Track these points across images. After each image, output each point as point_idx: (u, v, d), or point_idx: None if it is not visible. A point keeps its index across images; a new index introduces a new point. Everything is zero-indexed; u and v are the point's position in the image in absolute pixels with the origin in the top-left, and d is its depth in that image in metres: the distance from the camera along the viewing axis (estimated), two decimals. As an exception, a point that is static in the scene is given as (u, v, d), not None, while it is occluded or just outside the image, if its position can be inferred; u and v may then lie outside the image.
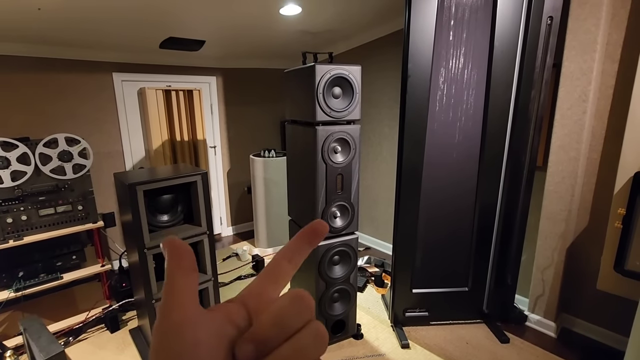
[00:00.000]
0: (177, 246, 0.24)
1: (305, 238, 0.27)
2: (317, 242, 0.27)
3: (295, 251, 0.27)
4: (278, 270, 0.26)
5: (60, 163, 2.19)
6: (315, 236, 0.27)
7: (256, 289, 0.25)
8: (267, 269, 0.26)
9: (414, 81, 1.93)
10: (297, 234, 0.27)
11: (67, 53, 2.82)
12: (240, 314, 0.24)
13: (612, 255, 1.76)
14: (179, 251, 0.24)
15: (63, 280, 2.27)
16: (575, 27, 1.90)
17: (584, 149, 1.98)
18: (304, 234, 0.27)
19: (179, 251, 0.24)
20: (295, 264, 0.27)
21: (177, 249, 0.24)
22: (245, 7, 2.39)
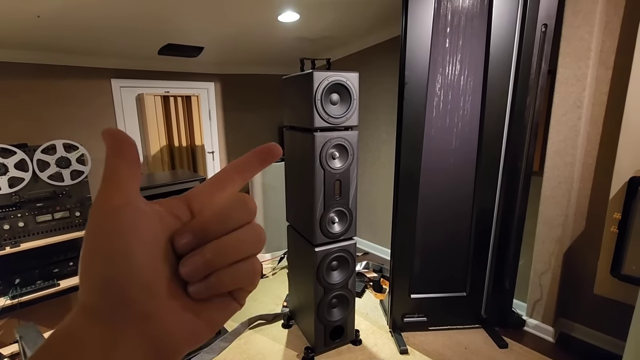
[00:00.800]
0: (121, 136, 0.22)
1: (259, 156, 0.27)
2: (269, 162, 0.27)
3: (247, 165, 0.27)
4: (227, 179, 0.26)
5: (58, 169, 2.19)
6: (268, 156, 0.27)
7: (202, 191, 0.25)
8: (216, 176, 0.26)
9: (411, 87, 1.95)
10: (252, 150, 0.27)
11: (66, 59, 2.83)
12: (183, 209, 0.24)
13: (609, 260, 1.77)
14: (123, 141, 0.22)
15: (60, 287, 2.26)
16: (570, 35, 1.93)
17: (580, 155, 2.00)
18: (259, 152, 0.27)
19: (123, 141, 0.22)
20: (244, 177, 0.27)
21: (118, 139, 0.22)
22: (243, 15, 2.42)
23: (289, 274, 2.48)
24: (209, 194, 0.25)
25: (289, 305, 2.52)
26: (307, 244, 1.98)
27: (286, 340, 2.26)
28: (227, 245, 0.22)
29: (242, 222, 0.23)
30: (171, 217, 0.23)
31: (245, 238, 0.23)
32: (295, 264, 2.29)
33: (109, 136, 0.22)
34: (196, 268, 0.21)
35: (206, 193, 0.25)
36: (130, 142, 0.22)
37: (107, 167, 0.21)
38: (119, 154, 0.22)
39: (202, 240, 0.22)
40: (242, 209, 0.23)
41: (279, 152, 0.28)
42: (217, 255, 0.21)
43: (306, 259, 2.02)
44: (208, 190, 0.25)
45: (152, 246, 0.21)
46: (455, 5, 1.91)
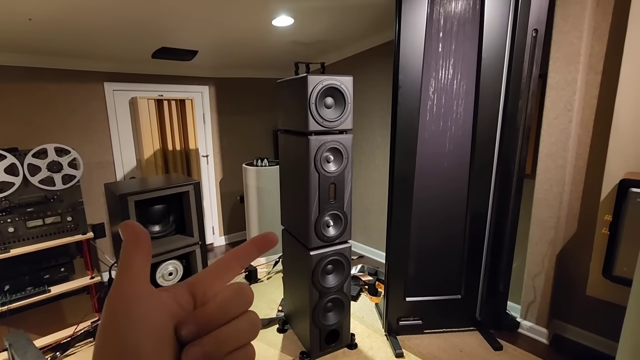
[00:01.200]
0: (135, 229, 0.25)
1: (257, 245, 0.30)
2: (266, 250, 0.30)
3: (245, 255, 0.29)
4: (226, 268, 0.28)
5: (50, 174, 2.16)
6: (265, 244, 0.30)
7: (203, 280, 0.27)
8: (217, 264, 0.29)
9: (404, 91, 1.96)
10: (251, 239, 0.30)
11: (58, 63, 2.80)
12: (187, 298, 0.26)
13: (601, 261, 1.79)
14: (137, 233, 0.25)
15: (51, 294, 2.22)
16: (560, 40, 1.96)
17: (571, 157, 2.03)
18: (257, 242, 0.30)
19: (137, 233, 0.25)
20: (243, 265, 0.29)
21: (134, 231, 0.25)
22: (237, 19, 2.42)
23: (284, 278, 2.47)
24: (210, 282, 0.27)
25: (284, 310, 2.51)
26: (302, 248, 1.98)
27: (281, 344, 2.25)
28: (226, 336, 0.24)
29: (240, 311, 0.26)
30: (176, 306, 0.25)
31: (242, 327, 0.25)
32: (290, 267, 2.28)
33: (126, 228, 0.25)
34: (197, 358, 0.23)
35: (207, 281, 0.27)
36: (145, 235, 0.26)
37: (124, 259, 0.24)
38: (134, 246, 0.25)
39: (203, 330, 0.24)
40: (240, 300, 0.26)
41: (275, 241, 0.30)
42: (216, 346, 0.24)
43: (301, 262, 2.02)
44: (209, 278, 0.28)
45: (160, 337, 0.23)
46: (448, 10, 1.93)
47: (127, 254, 0.24)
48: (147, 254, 0.25)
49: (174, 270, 2.09)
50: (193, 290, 0.26)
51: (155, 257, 1.97)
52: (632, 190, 1.61)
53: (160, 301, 0.24)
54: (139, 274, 0.24)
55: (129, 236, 0.25)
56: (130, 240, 0.25)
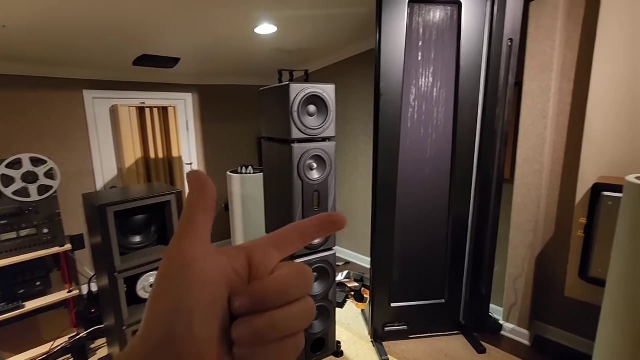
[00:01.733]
0: (204, 182, 0.24)
1: (324, 224, 0.27)
2: (331, 232, 0.27)
3: (310, 231, 0.27)
4: (288, 240, 0.26)
5: (25, 184, 2.09)
6: (333, 226, 0.27)
7: (263, 247, 0.25)
8: (278, 234, 0.26)
9: (386, 99, 1.99)
10: (318, 216, 0.27)
11: (34, 70, 2.73)
12: (243, 264, 0.24)
13: (577, 263, 1.84)
14: (206, 188, 0.24)
15: (25, 309, 2.14)
16: (533, 49, 2.03)
17: (547, 162, 2.09)
18: (324, 220, 0.27)
19: (206, 188, 0.24)
20: (305, 242, 0.27)
21: (203, 185, 0.24)
22: (219, 27, 2.42)
23: (269, 286, 2.44)
24: (269, 252, 0.25)
25: None
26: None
27: (267, 355, 2.22)
28: (281, 321, 0.22)
29: (299, 295, 0.24)
30: (232, 271, 0.23)
31: (298, 315, 0.23)
32: (275, 276, 2.26)
33: (194, 180, 0.24)
34: (247, 336, 0.22)
35: (267, 250, 0.25)
36: (212, 189, 0.24)
37: (187, 212, 0.23)
38: (200, 200, 0.23)
39: (258, 307, 0.22)
40: (302, 284, 0.24)
41: (342, 224, 0.27)
42: (269, 329, 0.22)
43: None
44: (269, 247, 0.26)
45: (214, 302, 0.22)
46: (427, 20, 1.98)
47: (191, 207, 0.23)
48: (211, 209, 0.24)
49: (155, 282, 2.04)
50: (250, 257, 0.24)
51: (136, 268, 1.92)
52: (604, 194, 1.67)
53: (219, 263, 0.23)
54: (201, 230, 0.23)
55: (195, 188, 0.24)
56: (197, 193, 0.23)
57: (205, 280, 0.21)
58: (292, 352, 0.23)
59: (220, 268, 0.23)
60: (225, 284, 0.22)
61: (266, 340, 0.22)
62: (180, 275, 0.21)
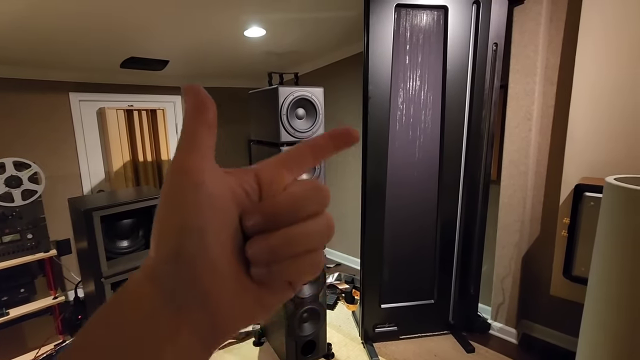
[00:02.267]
0: (203, 96, 0.22)
1: (336, 139, 0.25)
2: (344, 147, 0.26)
3: (322, 147, 0.25)
4: (299, 158, 0.25)
5: (8, 189, 2.05)
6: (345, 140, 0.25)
7: (273, 167, 0.24)
8: (289, 153, 0.25)
9: (374, 102, 2.01)
10: (329, 131, 0.25)
11: (18, 72, 2.68)
12: (252, 184, 0.23)
13: (561, 262, 1.88)
14: (203, 100, 0.22)
15: (9, 317, 2.09)
16: (518, 53, 2.08)
17: (532, 164, 2.14)
18: (336, 135, 0.25)
19: (203, 100, 0.22)
20: (317, 159, 0.25)
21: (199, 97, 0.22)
22: (208, 29, 2.41)
23: (259, 289, 2.43)
24: (279, 171, 0.24)
25: (260, 323, 2.47)
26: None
27: (257, 358, 2.21)
28: (296, 237, 0.21)
29: (314, 211, 0.22)
30: (243, 192, 0.22)
31: (315, 230, 0.22)
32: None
33: (191, 94, 0.22)
34: (262, 253, 0.21)
35: (276, 169, 0.24)
36: (212, 104, 0.22)
37: (187, 128, 0.21)
38: (200, 115, 0.22)
39: (271, 225, 0.21)
40: (317, 199, 0.23)
41: (356, 137, 0.26)
42: (285, 245, 0.21)
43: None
44: (279, 166, 0.24)
45: (225, 221, 0.21)
46: (414, 24, 2.01)
47: (190, 122, 0.21)
48: (214, 124, 0.22)
49: (143, 287, 2.02)
50: (260, 177, 0.23)
51: (123, 273, 1.89)
52: (586, 195, 1.71)
53: (227, 183, 0.21)
54: (206, 146, 0.21)
55: (193, 103, 0.22)
56: (195, 107, 0.22)
57: (213, 195, 0.20)
58: (312, 269, 0.23)
59: (229, 188, 0.21)
60: (235, 204, 0.21)
61: (282, 257, 0.21)
62: (189, 195, 0.20)
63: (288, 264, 0.21)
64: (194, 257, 0.19)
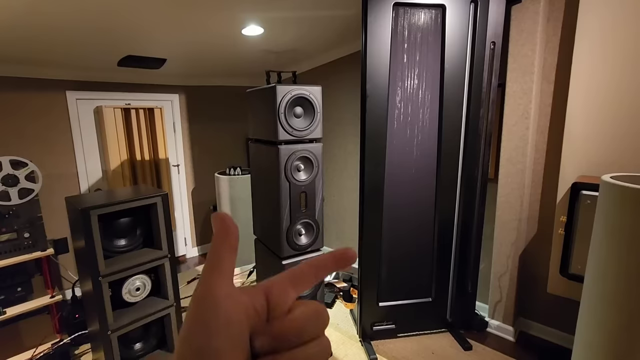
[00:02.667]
0: (228, 224, 0.25)
1: (337, 260, 0.28)
2: (344, 266, 0.29)
3: (323, 267, 0.28)
4: (303, 278, 0.27)
5: (4, 188, 2.04)
6: (346, 261, 0.29)
7: (280, 286, 0.26)
8: (294, 272, 0.28)
9: (372, 100, 2.01)
10: (330, 253, 0.29)
11: (14, 70, 2.67)
12: (261, 302, 0.25)
13: (558, 260, 1.89)
14: (230, 229, 0.25)
15: (6, 316, 2.08)
16: (515, 52, 2.08)
17: (529, 162, 2.14)
18: (337, 257, 0.28)
19: (230, 229, 0.25)
20: (319, 278, 0.28)
21: (227, 226, 0.25)
22: (206, 28, 2.40)
23: (257, 288, 2.43)
24: (286, 289, 0.26)
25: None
26: (274, 257, 1.97)
27: (256, 357, 2.21)
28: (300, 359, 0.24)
29: (315, 335, 0.25)
30: (253, 311, 0.24)
31: (315, 353, 0.25)
32: (264, 277, 2.25)
33: (218, 221, 0.25)
34: None
35: (283, 287, 0.26)
36: (235, 230, 0.26)
37: (214, 254, 0.24)
38: (225, 241, 0.25)
39: (277, 347, 0.24)
40: (318, 323, 0.26)
41: (354, 259, 0.29)
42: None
43: (274, 272, 2.00)
44: (285, 284, 0.27)
45: (238, 341, 0.23)
46: (412, 22, 2.01)
47: (217, 248, 0.24)
48: (235, 249, 0.25)
49: (141, 285, 2.02)
50: (268, 294, 0.26)
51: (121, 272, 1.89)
52: (583, 193, 1.72)
53: (242, 302, 0.24)
54: (227, 270, 0.24)
55: (219, 229, 0.25)
56: (221, 234, 0.25)
57: (231, 319, 0.22)
58: None
59: (243, 307, 0.24)
60: (247, 322, 0.24)
61: None
62: (209, 315, 0.22)
63: None
64: None
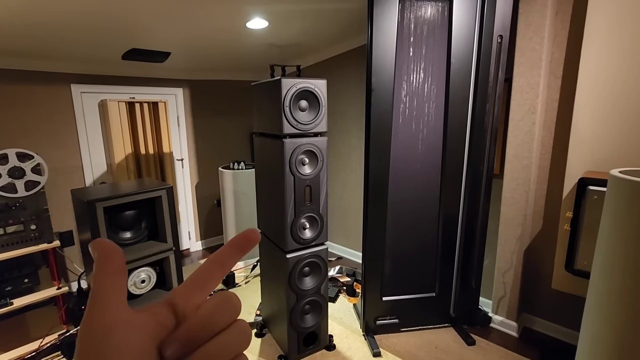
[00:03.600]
0: (105, 247, 0.24)
1: (238, 245, 0.27)
2: (248, 249, 0.27)
3: (227, 257, 0.27)
4: (208, 275, 0.26)
5: (11, 180, 2.06)
6: (247, 243, 0.27)
7: (183, 293, 0.25)
8: (198, 273, 0.26)
9: (377, 94, 2.00)
10: (230, 240, 0.27)
11: (20, 64, 2.67)
12: (168, 315, 0.24)
13: (563, 256, 1.88)
14: (107, 252, 0.23)
15: (13, 307, 2.11)
16: (523, 45, 2.06)
17: (535, 158, 2.13)
18: (237, 241, 0.27)
19: (107, 252, 0.23)
20: (225, 270, 0.27)
21: (105, 250, 0.23)
22: (210, 21, 2.39)
23: (261, 281, 2.45)
24: (191, 294, 0.25)
25: (262, 314, 2.49)
26: (279, 251, 1.97)
27: (259, 349, 2.23)
28: (215, 350, 0.22)
29: (227, 322, 0.24)
30: (156, 325, 0.23)
31: (231, 341, 0.23)
32: (268, 271, 2.26)
33: (95, 248, 0.23)
34: None
35: (187, 293, 0.25)
36: (116, 251, 0.24)
37: (94, 282, 0.22)
38: (105, 265, 0.23)
39: (189, 347, 0.22)
40: (227, 310, 0.24)
41: (256, 238, 0.28)
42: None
43: (278, 266, 2.01)
44: (189, 290, 0.25)
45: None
46: (418, 16, 1.99)
47: (97, 276, 0.22)
48: (120, 270, 0.23)
49: (146, 278, 2.03)
50: (173, 305, 0.24)
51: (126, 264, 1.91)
52: (590, 188, 1.71)
53: (137, 324, 0.22)
54: (110, 297, 0.22)
55: (99, 256, 0.23)
56: (100, 261, 0.23)
57: (124, 346, 0.21)
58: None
59: (140, 327, 0.22)
60: (149, 340, 0.22)
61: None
62: (95, 350, 0.20)
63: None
64: None
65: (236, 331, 0.24)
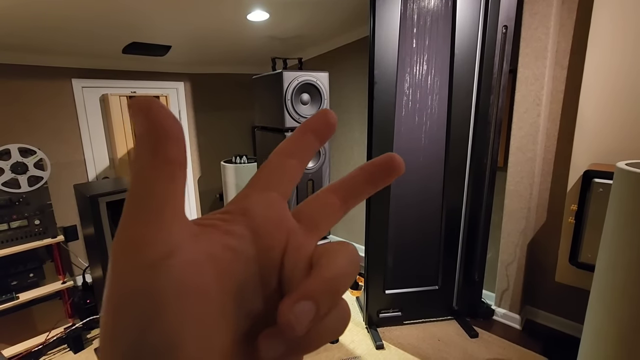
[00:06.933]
0: (159, 117, 0.13)
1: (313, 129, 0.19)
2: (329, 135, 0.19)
3: (301, 148, 0.19)
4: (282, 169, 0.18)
5: (14, 175, 2.06)
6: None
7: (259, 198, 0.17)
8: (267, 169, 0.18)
9: (380, 87, 1.98)
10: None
11: (21, 58, 2.66)
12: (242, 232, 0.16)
13: (568, 249, 1.87)
14: (163, 128, 0.13)
15: (19, 301, 2.13)
16: (528, 36, 2.02)
17: (540, 150, 2.11)
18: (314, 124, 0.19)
19: (163, 128, 0.13)
20: (303, 161, 0.19)
21: (158, 123, 0.13)
22: (210, 13, 2.36)
23: (264, 275, 2.46)
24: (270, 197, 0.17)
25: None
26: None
27: (263, 342, 2.24)
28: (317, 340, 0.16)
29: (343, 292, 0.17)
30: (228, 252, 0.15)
31: (335, 327, 0.16)
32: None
33: (140, 115, 0.13)
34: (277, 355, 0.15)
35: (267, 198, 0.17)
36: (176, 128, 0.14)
37: (138, 182, 0.13)
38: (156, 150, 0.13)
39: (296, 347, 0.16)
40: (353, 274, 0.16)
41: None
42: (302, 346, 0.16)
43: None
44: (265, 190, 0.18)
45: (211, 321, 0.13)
46: (422, 6, 1.95)
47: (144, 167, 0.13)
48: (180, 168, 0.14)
49: (150, 272, 2.04)
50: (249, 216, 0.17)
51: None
52: (595, 181, 1.69)
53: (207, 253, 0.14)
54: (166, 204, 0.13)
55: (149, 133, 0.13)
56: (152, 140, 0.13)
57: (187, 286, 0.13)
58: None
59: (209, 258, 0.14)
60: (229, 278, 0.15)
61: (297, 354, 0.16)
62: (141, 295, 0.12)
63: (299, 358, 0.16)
64: None
65: (339, 316, 0.17)
